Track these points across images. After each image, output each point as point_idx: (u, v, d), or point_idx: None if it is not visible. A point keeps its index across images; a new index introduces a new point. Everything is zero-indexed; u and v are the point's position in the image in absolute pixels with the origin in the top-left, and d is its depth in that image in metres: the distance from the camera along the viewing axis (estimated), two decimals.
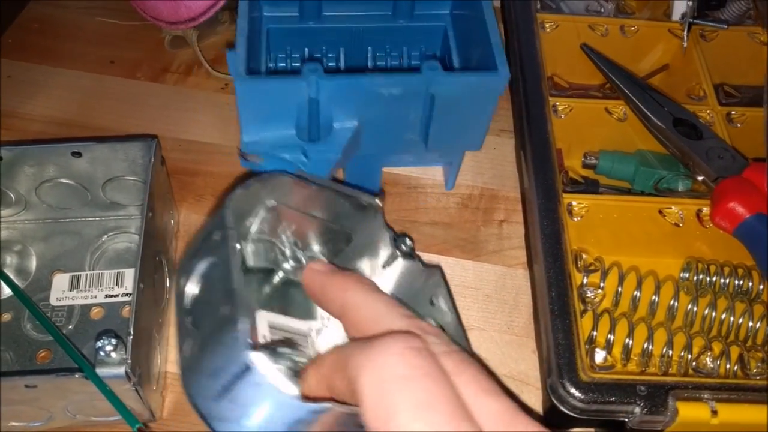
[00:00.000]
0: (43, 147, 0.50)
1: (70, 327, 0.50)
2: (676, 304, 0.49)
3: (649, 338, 0.48)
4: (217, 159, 0.60)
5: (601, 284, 0.50)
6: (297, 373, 0.32)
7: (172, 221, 0.55)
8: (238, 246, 0.36)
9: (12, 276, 0.52)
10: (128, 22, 0.69)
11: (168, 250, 0.53)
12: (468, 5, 0.56)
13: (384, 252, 0.44)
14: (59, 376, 0.40)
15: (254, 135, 0.49)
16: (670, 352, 0.47)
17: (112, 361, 0.40)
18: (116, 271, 0.53)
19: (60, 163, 0.51)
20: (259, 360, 0.30)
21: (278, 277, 0.44)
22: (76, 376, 0.40)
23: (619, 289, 0.50)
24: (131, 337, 0.41)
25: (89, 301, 0.52)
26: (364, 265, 0.45)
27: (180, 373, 0.36)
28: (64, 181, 0.52)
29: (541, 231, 0.49)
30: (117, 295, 0.52)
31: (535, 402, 0.49)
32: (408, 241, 0.43)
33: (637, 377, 0.44)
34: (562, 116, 0.56)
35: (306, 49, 0.61)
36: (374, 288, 0.34)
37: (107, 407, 0.44)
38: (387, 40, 0.61)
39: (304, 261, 0.44)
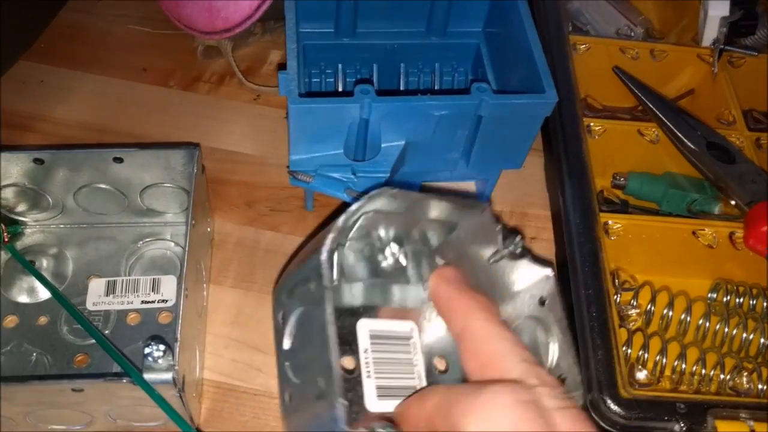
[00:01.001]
0: (86, 152, 0.50)
1: (107, 332, 0.50)
2: (707, 324, 0.50)
3: (682, 357, 0.49)
4: (251, 169, 0.61)
5: (634, 302, 0.51)
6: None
7: (208, 229, 0.55)
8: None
9: (49, 280, 0.52)
10: (160, 30, 0.70)
11: (206, 257, 0.53)
12: (502, 24, 0.57)
13: (491, 246, 0.43)
14: (107, 380, 0.40)
15: (302, 153, 0.50)
16: (703, 371, 0.48)
17: (160, 367, 0.40)
18: (152, 277, 0.53)
19: (100, 168, 0.51)
20: None
21: (378, 279, 0.43)
22: (124, 381, 0.40)
23: (652, 308, 0.51)
24: (178, 343, 0.41)
25: (125, 307, 0.52)
26: (469, 258, 0.44)
27: (282, 416, 0.38)
28: (102, 186, 0.53)
29: (579, 249, 0.49)
30: (153, 302, 0.52)
31: None
32: (518, 240, 0.42)
33: (677, 395, 0.44)
34: (596, 137, 0.56)
35: (340, 65, 0.62)
36: (498, 320, 0.34)
37: (149, 413, 0.44)
38: (419, 56, 0.62)
39: (403, 259, 0.43)
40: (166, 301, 0.52)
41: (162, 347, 0.40)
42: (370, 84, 0.48)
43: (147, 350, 0.40)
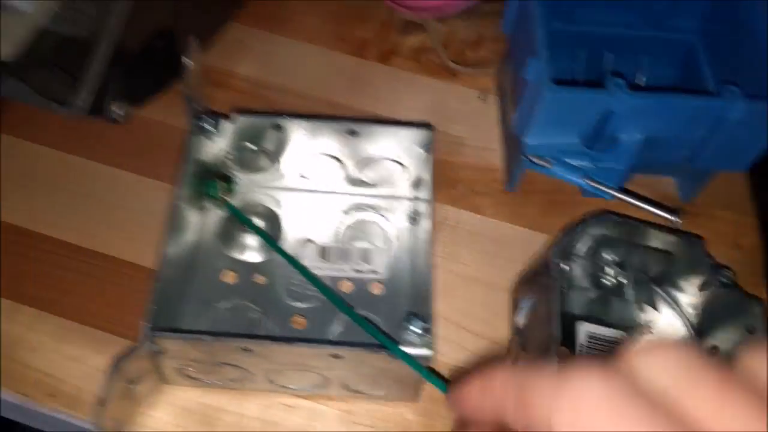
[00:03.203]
0: (324, 122, 0.51)
1: (322, 297, 0.51)
2: None
3: None
4: (451, 148, 0.61)
5: None
6: None
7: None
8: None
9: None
10: (356, 0, 0.70)
11: None
12: (729, 21, 0.56)
13: (701, 276, 0.50)
14: (368, 350, 0.42)
15: (539, 139, 0.50)
16: None
17: (418, 342, 0.42)
18: (364, 247, 0.54)
19: (332, 138, 0.52)
20: None
21: (600, 292, 0.52)
22: (383, 353, 0.41)
23: None
24: (431, 320, 0.43)
25: (338, 274, 0.53)
26: (684, 286, 0.52)
27: None
28: (328, 154, 0.54)
29: None
30: (364, 272, 0.53)
31: None
32: (728, 273, 0.49)
33: None
34: None
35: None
36: None
37: (382, 382, 0.46)
38: (629, 48, 0.61)
39: (623, 280, 0.52)
40: (377, 272, 0.53)
41: (423, 324, 0.42)
42: (621, 77, 0.48)
43: (408, 325, 0.42)
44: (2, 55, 0.42)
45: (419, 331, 0.41)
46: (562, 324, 0.49)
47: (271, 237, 0.53)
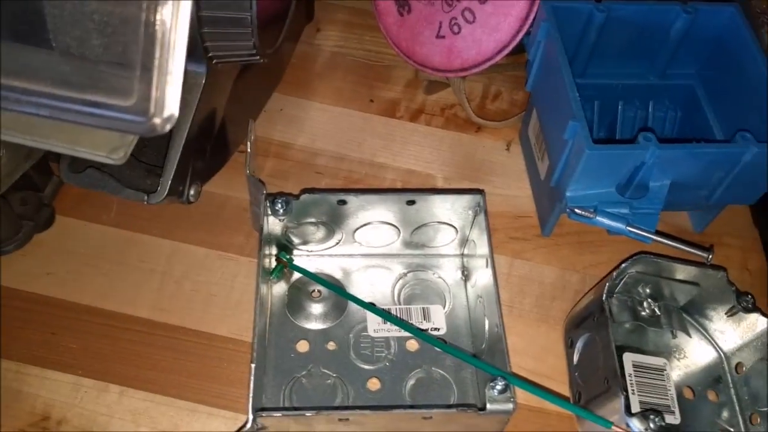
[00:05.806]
0: (385, 196, 0.56)
1: (391, 358, 0.56)
2: None
3: None
4: (496, 200, 0.66)
5: None
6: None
7: None
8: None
9: (331, 307, 0.59)
10: (380, 62, 0.75)
11: None
12: (726, 64, 0.64)
13: (726, 303, 0.57)
14: (459, 410, 0.47)
15: (579, 191, 0.56)
16: None
17: (500, 398, 0.47)
18: (422, 306, 0.59)
19: (391, 209, 0.57)
20: (636, 424, 0.47)
21: (636, 323, 0.58)
22: (469, 411, 0.46)
23: None
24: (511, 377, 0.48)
25: (403, 334, 0.57)
26: (710, 312, 0.58)
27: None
28: (385, 222, 0.58)
29: None
30: (426, 330, 0.58)
31: None
32: (750, 299, 0.55)
33: None
34: None
35: None
36: None
37: None
38: (636, 95, 0.69)
39: (657, 311, 0.58)
40: (439, 329, 0.58)
41: (502, 383, 0.47)
42: (652, 132, 0.54)
43: (491, 384, 0.47)
44: (115, 161, 0.45)
45: (499, 389, 0.46)
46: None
47: (345, 291, 0.57)
